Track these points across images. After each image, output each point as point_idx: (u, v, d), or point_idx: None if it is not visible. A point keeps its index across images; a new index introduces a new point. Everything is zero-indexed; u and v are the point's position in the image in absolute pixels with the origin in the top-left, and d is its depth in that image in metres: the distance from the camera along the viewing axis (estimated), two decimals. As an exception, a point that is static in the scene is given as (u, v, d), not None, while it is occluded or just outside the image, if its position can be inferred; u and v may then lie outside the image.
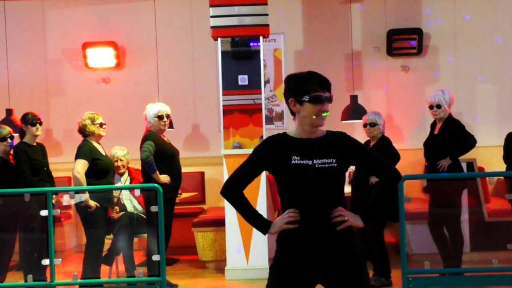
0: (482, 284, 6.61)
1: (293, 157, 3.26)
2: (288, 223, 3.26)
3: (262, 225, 3.37)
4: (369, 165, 3.46)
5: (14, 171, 6.96)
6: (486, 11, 9.25)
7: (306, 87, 3.29)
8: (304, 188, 3.24)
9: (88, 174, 6.68)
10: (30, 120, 6.89)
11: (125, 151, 7.80)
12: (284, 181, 3.29)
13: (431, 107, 6.88)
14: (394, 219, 6.76)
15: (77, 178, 6.63)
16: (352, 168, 7.35)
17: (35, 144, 6.99)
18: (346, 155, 3.33)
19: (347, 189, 6.86)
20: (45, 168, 7.05)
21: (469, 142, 6.71)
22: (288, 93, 3.35)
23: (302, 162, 3.25)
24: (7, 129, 7.04)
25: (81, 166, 6.66)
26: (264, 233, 3.38)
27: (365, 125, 6.98)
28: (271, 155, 3.30)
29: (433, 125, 7.04)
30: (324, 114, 3.30)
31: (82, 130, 6.86)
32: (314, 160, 3.26)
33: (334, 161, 3.28)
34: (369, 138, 7.05)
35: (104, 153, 6.92)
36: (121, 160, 7.72)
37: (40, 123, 6.98)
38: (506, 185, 7.00)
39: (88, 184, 6.64)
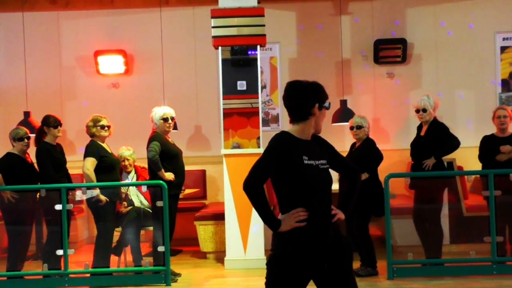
0: (460, 273, 6.66)
1: (303, 157, 3.24)
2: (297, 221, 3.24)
3: (274, 222, 3.27)
4: (340, 165, 3.50)
5: (30, 169, 7.00)
6: (465, 22, 9.26)
7: (326, 95, 3.37)
8: (314, 187, 3.25)
9: (96, 170, 6.71)
10: (53, 122, 6.89)
11: (131, 151, 7.81)
12: (296, 180, 3.24)
13: (417, 111, 6.88)
14: (379, 214, 6.79)
15: (87, 174, 6.66)
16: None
17: (55, 144, 7.01)
18: (328, 157, 3.39)
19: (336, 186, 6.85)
20: (65, 166, 7.08)
21: (454, 143, 6.72)
22: (312, 98, 3.32)
23: (310, 162, 3.25)
24: (23, 130, 7.07)
25: (90, 163, 6.69)
26: (275, 230, 3.29)
27: (351, 128, 6.96)
28: (285, 154, 3.24)
29: (419, 128, 7.05)
30: None
31: (88, 131, 6.90)
32: (316, 161, 3.28)
33: (326, 162, 3.35)
34: (355, 140, 7.04)
35: (110, 151, 6.94)
36: (127, 159, 7.74)
37: (61, 125, 7.00)
38: (482, 183, 7.03)
39: (97, 179, 6.66)
